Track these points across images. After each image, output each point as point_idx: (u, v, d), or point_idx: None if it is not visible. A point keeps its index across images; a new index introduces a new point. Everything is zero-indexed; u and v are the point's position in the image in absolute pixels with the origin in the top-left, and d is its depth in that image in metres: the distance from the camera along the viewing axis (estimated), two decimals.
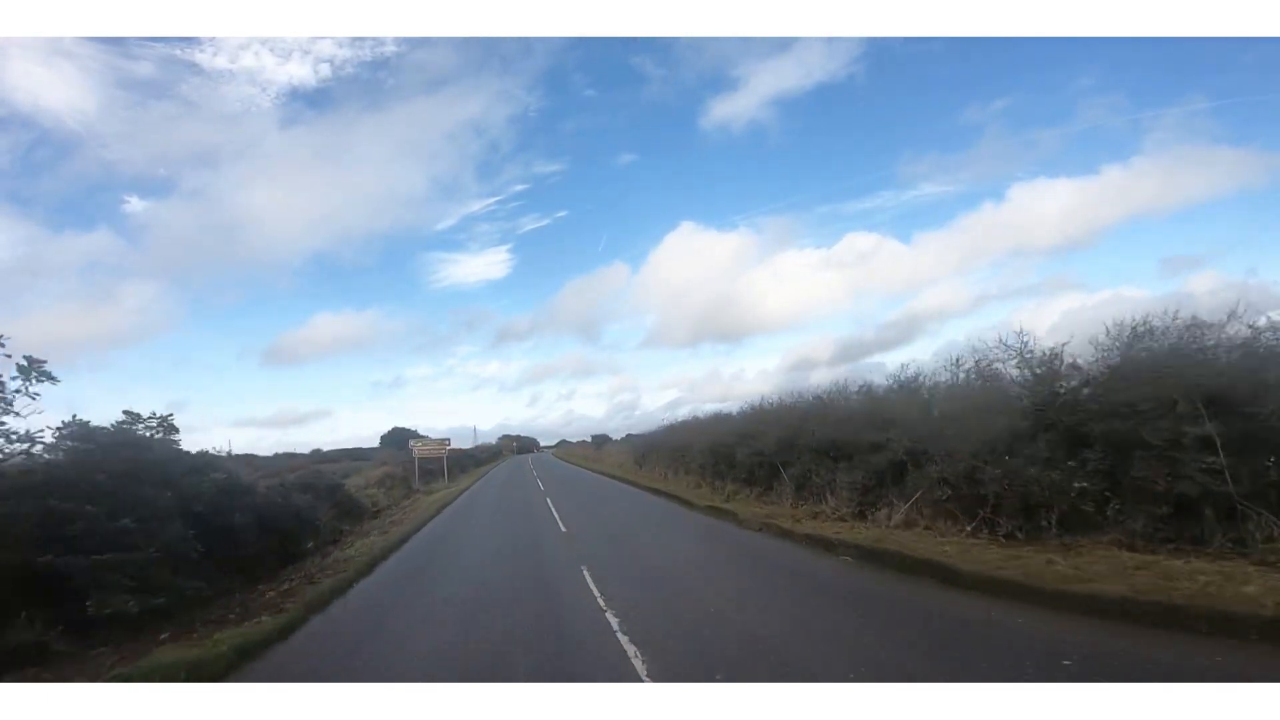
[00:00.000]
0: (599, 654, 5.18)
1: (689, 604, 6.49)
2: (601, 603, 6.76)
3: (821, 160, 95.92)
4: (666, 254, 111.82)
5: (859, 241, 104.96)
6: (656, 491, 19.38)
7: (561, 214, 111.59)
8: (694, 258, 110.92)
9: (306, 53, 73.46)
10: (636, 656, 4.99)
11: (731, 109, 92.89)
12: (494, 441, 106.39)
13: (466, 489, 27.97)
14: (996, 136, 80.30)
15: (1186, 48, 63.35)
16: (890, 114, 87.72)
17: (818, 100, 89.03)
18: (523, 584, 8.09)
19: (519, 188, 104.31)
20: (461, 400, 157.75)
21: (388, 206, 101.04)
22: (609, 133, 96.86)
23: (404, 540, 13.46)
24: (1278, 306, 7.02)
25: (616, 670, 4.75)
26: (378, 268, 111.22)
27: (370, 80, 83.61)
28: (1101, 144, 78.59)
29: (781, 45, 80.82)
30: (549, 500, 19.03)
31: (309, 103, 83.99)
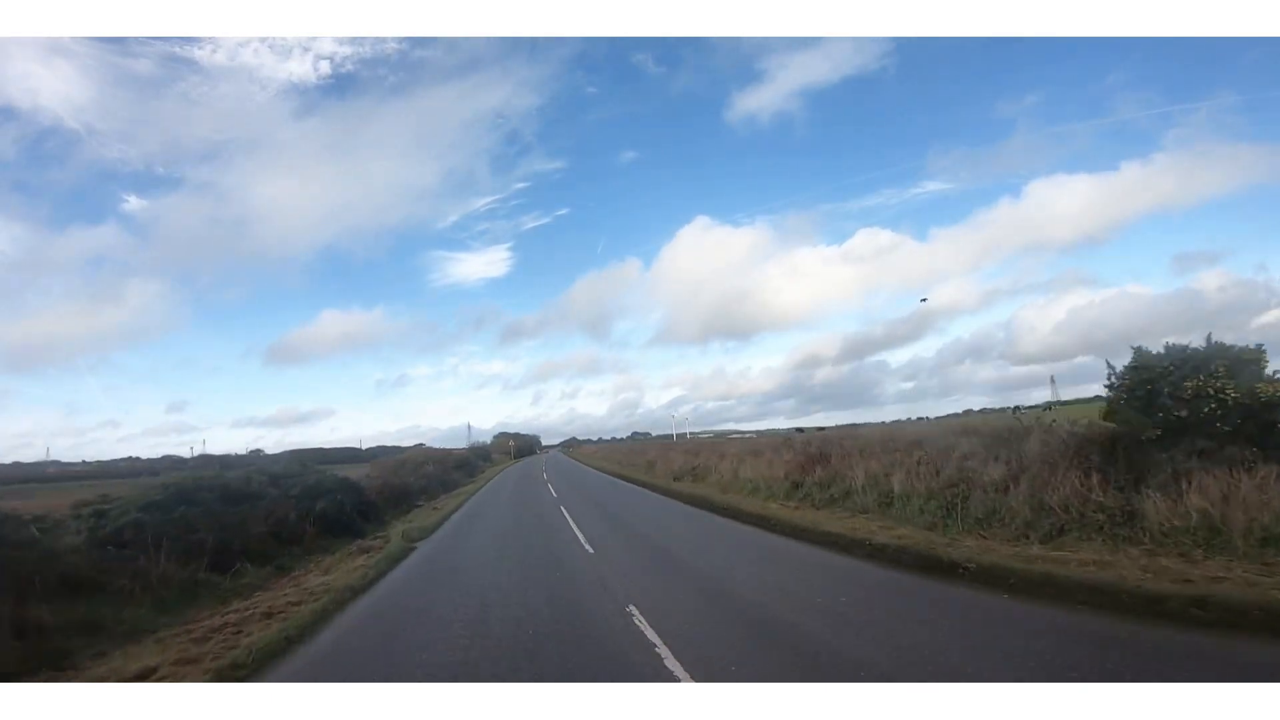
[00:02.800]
0: None
1: None
2: None
3: (838, 156, 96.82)
4: (679, 249, 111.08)
5: (873, 238, 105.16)
6: None
7: (563, 211, 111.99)
8: (707, 253, 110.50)
9: (306, 50, 73.48)
10: None
11: (750, 104, 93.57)
12: (487, 441, 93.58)
13: None
14: (1014, 134, 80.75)
15: (1212, 47, 63.54)
16: (907, 111, 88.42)
17: (834, 97, 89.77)
18: None
19: (520, 185, 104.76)
20: (464, 399, 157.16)
21: (392, 204, 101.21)
22: (617, 130, 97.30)
23: None
24: None
25: None
26: (381, 266, 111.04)
27: (371, 78, 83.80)
28: (1121, 141, 79.28)
29: (801, 42, 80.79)
30: None
31: (310, 100, 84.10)
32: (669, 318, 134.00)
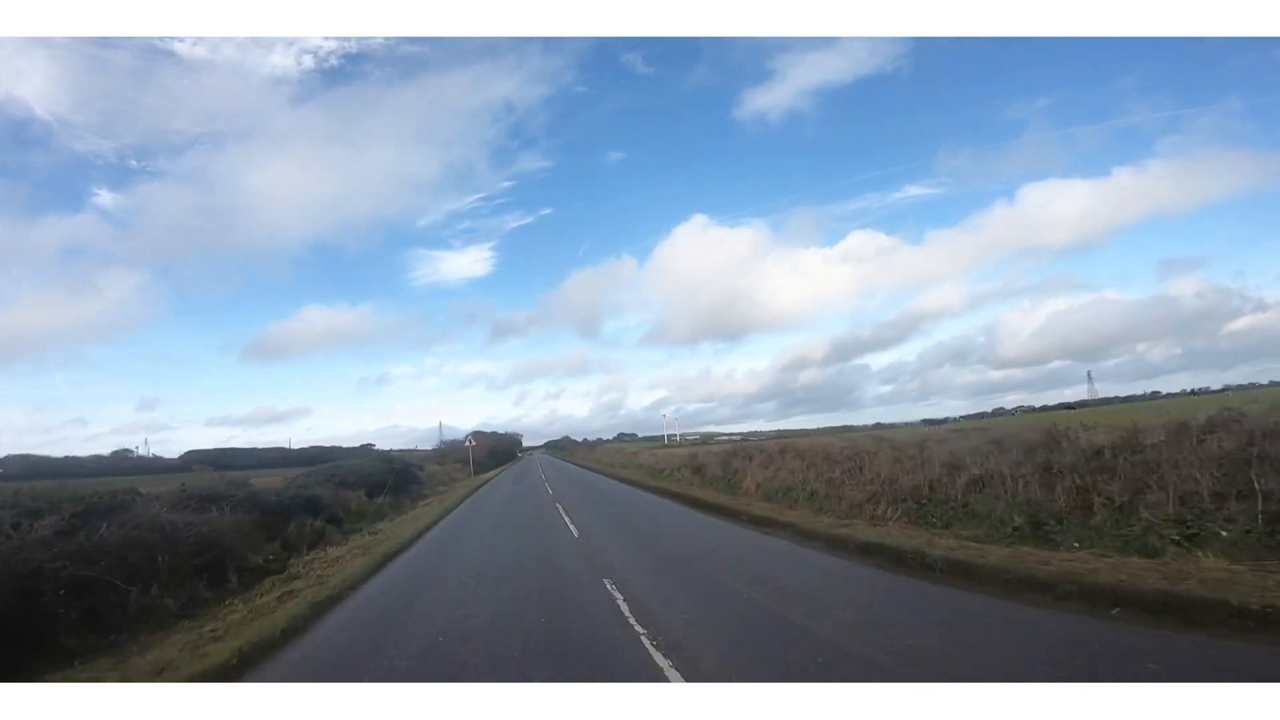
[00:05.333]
0: None
1: None
2: None
3: (836, 158, 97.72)
4: (675, 247, 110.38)
5: (869, 240, 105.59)
6: None
7: (547, 211, 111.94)
8: (702, 252, 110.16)
9: (291, 44, 72.42)
10: None
11: (752, 104, 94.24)
12: (459, 440, 65.23)
13: None
14: (1020, 137, 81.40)
15: (1221, 48, 64.09)
16: (910, 114, 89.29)
17: (836, 99, 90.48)
18: None
19: (507, 184, 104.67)
20: (447, 398, 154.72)
21: (381, 199, 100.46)
22: (611, 128, 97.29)
23: None
24: (1255, 308, 6.46)
25: None
26: (368, 261, 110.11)
27: (357, 72, 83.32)
28: (1125, 145, 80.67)
29: (803, 42, 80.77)
30: None
31: (297, 91, 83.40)
32: (662, 317, 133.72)
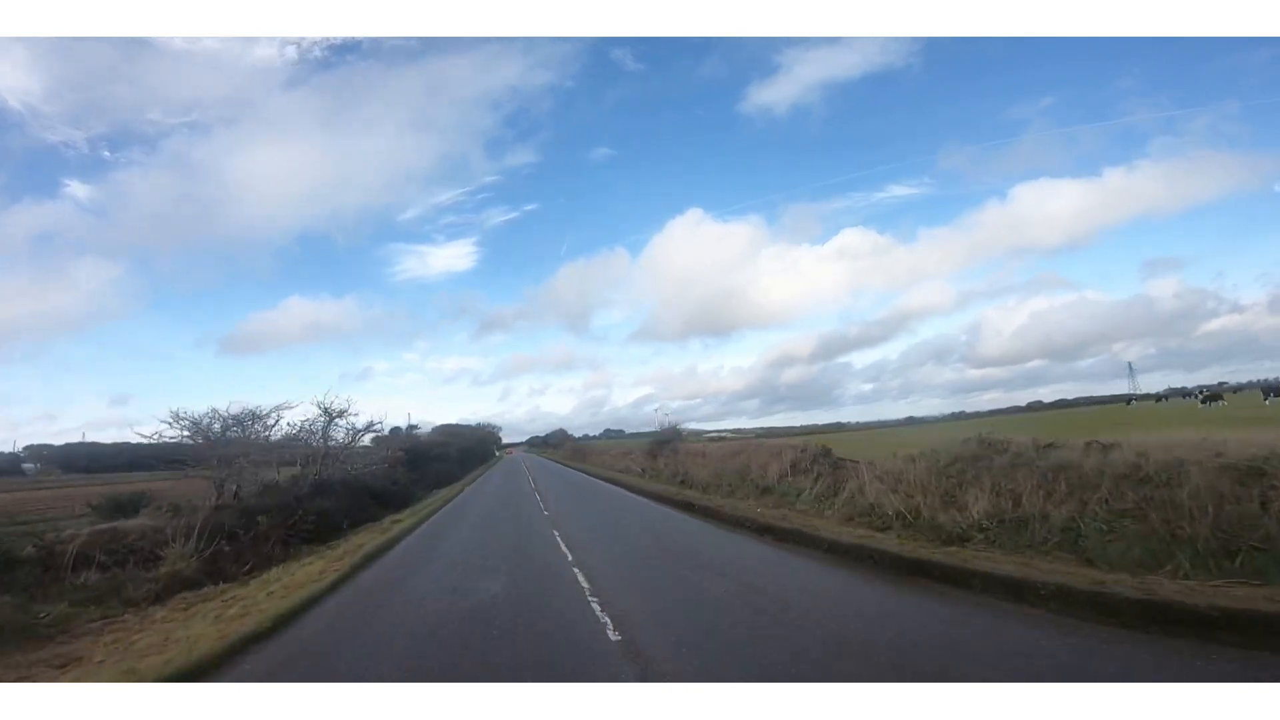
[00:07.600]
0: None
1: None
2: None
3: (830, 157, 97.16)
4: (668, 242, 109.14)
5: (858, 238, 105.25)
6: None
7: (532, 206, 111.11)
8: (696, 247, 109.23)
9: (272, 39, 71.23)
10: None
11: (754, 100, 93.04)
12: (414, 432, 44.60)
13: None
14: (1020, 137, 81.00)
15: (1219, 49, 63.69)
16: (904, 111, 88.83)
17: (830, 98, 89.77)
18: None
19: (490, 179, 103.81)
20: (431, 394, 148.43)
21: (372, 190, 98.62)
22: (602, 125, 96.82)
23: None
24: (1231, 309, 6.46)
25: None
26: (354, 254, 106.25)
27: (341, 62, 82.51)
28: (1112, 148, 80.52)
29: (797, 42, 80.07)
30: None
31: (286, 78, 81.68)
32: (652, 313, 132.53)
